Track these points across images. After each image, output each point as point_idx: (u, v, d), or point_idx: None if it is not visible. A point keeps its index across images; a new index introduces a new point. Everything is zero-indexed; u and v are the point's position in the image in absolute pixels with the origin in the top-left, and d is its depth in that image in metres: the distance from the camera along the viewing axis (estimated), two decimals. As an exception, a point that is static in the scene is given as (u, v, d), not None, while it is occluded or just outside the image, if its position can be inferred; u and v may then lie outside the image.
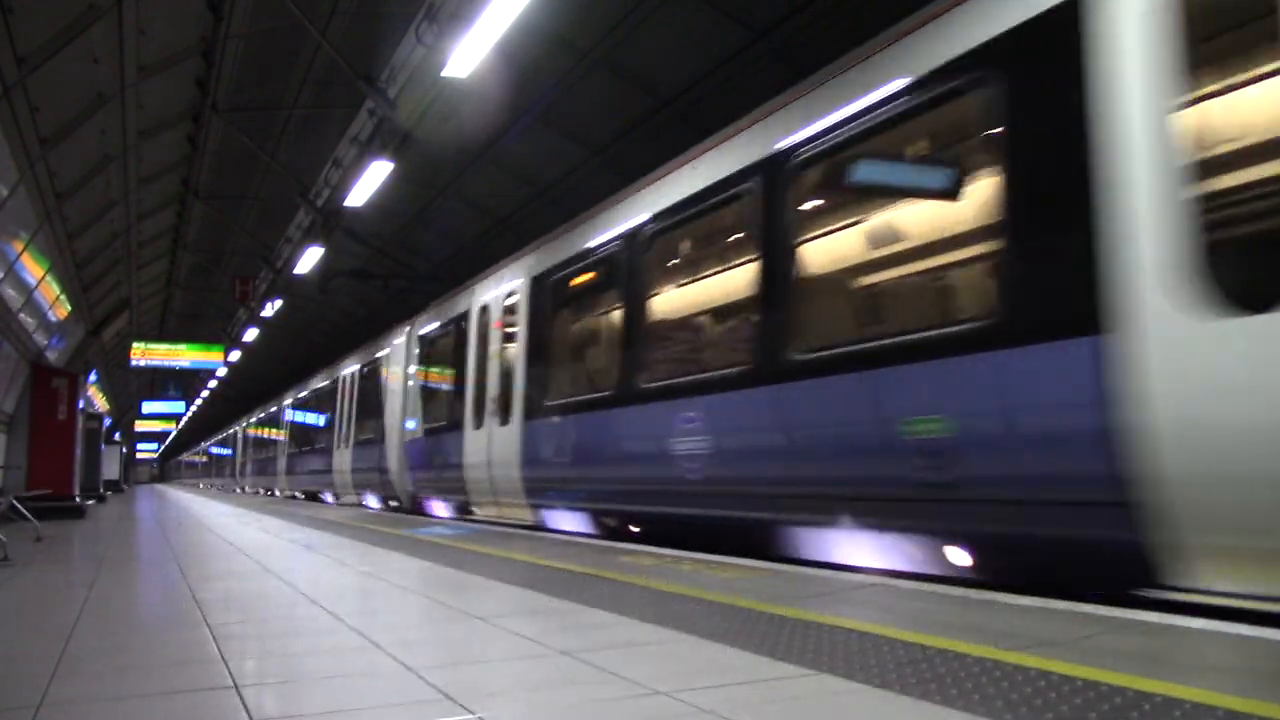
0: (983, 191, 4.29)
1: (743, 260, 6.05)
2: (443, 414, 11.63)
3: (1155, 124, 3.48)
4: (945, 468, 4.17)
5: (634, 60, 10.89)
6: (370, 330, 19.40)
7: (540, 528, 8.93)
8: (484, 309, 10.58)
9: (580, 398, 8.10)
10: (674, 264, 7.26)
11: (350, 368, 17.43)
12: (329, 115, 13.54)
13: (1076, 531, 3.83)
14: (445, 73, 8.28)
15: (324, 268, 16.95)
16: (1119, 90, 3.61)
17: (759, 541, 5.90)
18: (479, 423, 10.08)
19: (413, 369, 13.40)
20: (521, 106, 12.12)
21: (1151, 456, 3.39)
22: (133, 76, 9.13)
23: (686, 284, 7.07)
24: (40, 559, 7.14)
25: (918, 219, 4.96)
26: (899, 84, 4.71)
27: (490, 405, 9.78)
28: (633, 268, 7.36)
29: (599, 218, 8.15)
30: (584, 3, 9.91)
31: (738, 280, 6.09)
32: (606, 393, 7.56)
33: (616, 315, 7.57)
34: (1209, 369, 3.27)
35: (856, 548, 5.17)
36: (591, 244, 8.10)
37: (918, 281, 5.08)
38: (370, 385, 15.76)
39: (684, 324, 7.06)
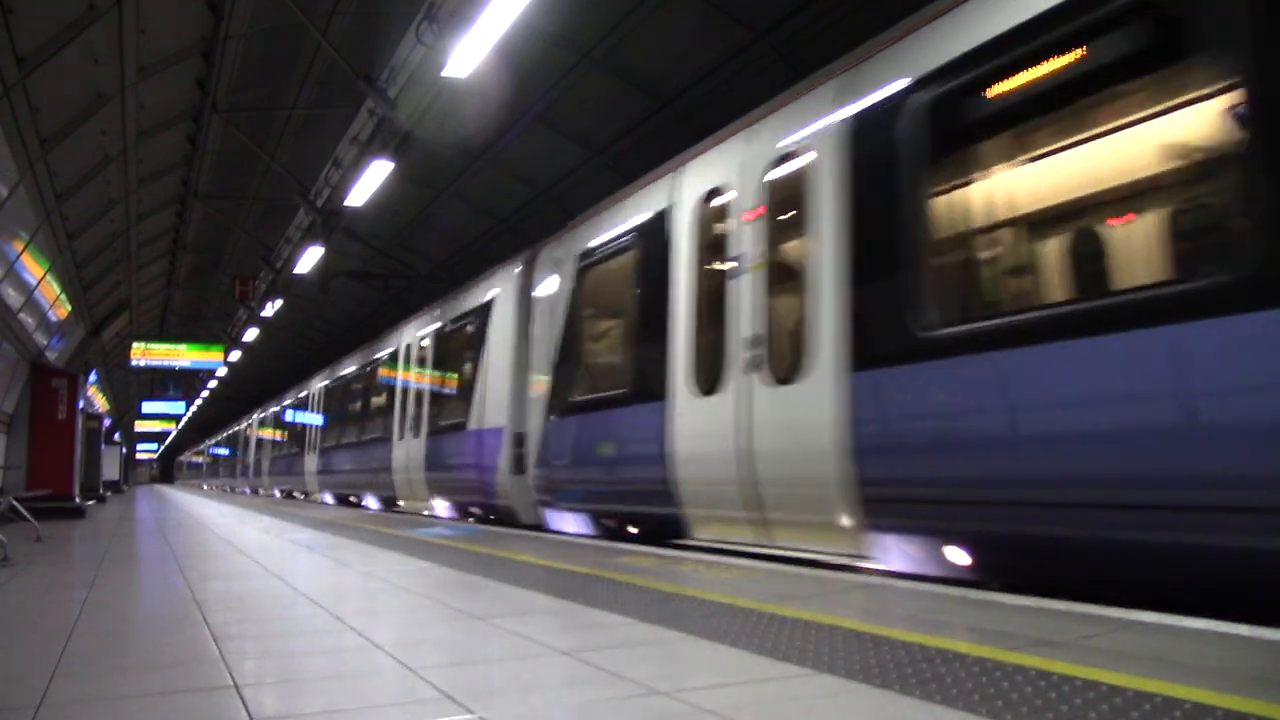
0: None
1: None
2: (614, 378, 7.64)
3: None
4: None
5: (634, 60, 10.90)
6: (371, 329, 19.39)
7: (891, 573, 4.93)
8: (707, 199, 6.53)
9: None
10: None
11: (423, 329, 12.80)
12: (329, 115, 13.55)
13: None
14: (445, 73, 8.29)
15: (324, 268, 16.95)
16: None
17: None
18: (708, 385, 6.16)
19: (550, 314, 8.73)
20: (521, 106, 12.14)
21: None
22: (133, 76, 9.13)
23: None
24: (40, 559, 7.14)
25: None
26: None
27: (743, 353, 5.82)
28: None
29: None
30: (584, 3, 9.92)
31: None
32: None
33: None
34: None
35: None
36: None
37: None
38: (458, 349, 11.47)
39: None
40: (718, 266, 6.32)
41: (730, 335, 6.02)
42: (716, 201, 6.43)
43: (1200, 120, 3.73)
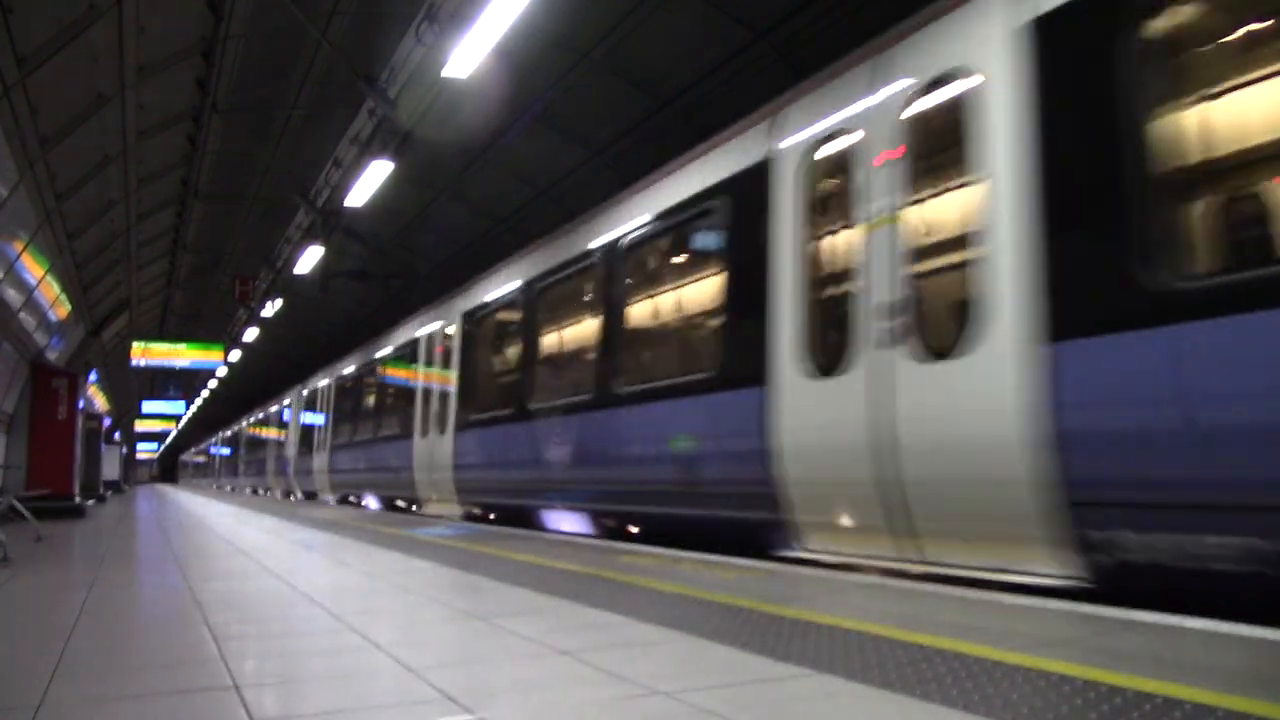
0: None
1: None
2: None
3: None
4: None
5: (634, 60, 10.90)
6: (371, 329, 19.38)
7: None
8: None
9: None
10: None
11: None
12: (329, 115, 13.55)
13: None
14: (445, 73, 8.29)
15: (324, 268, 16.95)
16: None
17: None
18: None
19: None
20: (521, 106, 12.14)
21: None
22: (133, 76, 9.13)
23: None
24: (40, 559, 7.14)
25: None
26: None
27: None
28: None
29: None
30: (584, 3, 9.92)
31: None
32: None
33: None
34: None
35: None
36: None
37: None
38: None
39: None
40: None
41: None
42: None
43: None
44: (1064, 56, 4.14)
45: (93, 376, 21.53)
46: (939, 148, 4.84)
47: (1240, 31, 3.98)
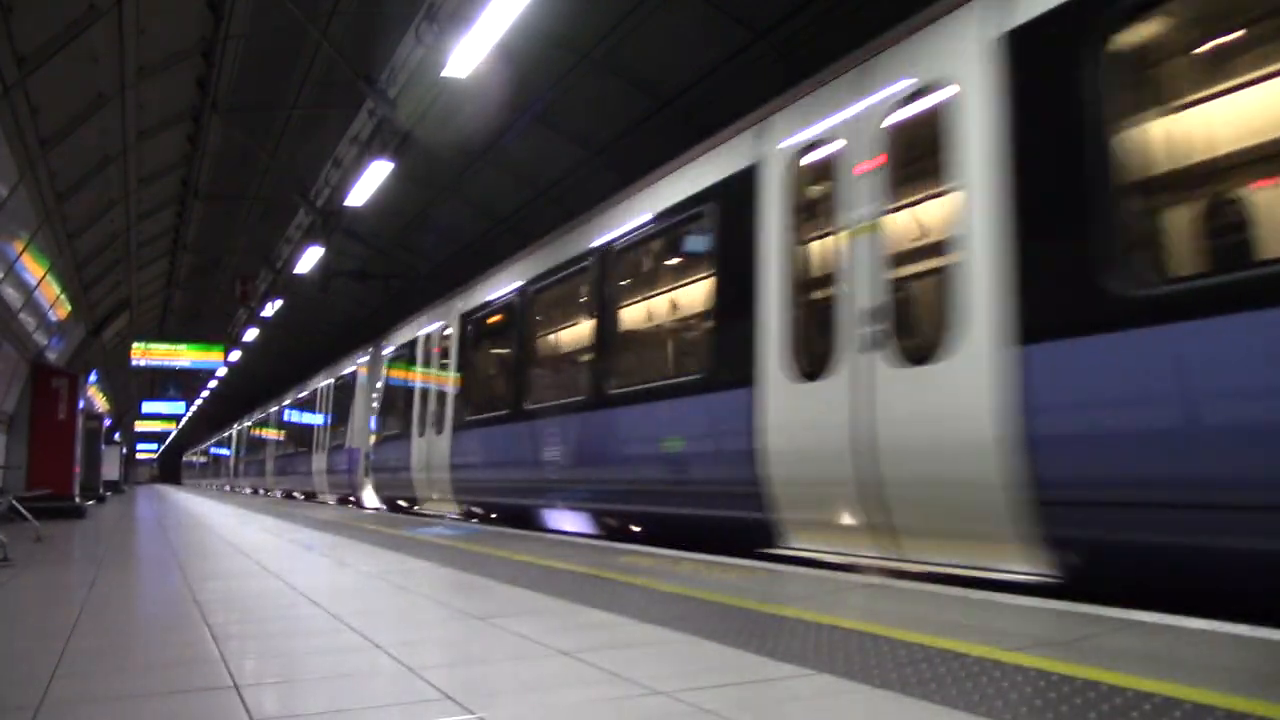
0: None
1: None
2: None
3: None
4: None
5: (634, 60, 10.89)
6: (372, 329, 19.35)
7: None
8: None
9: None
10: None
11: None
12: (329, 115, 13.55)
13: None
14: (445, 73, 8.29)
15: (324, 268, 16.95)
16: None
17: None
18: None
19: None
20: (521, 106, 12.14)
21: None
22: (132, 76, 9.13)
23: None
24: (40, 559, 7.14)
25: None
26: None
27: None
28: None
29: None
30: (584, 3, 9.92)
31: None
32: None
33: None
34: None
35: None
36: None
37: None
38: None
39: None
40: None
41: None
42: None
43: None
44: (1035, 70, 3.99)
45: (93, 377, 21.53)
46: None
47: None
